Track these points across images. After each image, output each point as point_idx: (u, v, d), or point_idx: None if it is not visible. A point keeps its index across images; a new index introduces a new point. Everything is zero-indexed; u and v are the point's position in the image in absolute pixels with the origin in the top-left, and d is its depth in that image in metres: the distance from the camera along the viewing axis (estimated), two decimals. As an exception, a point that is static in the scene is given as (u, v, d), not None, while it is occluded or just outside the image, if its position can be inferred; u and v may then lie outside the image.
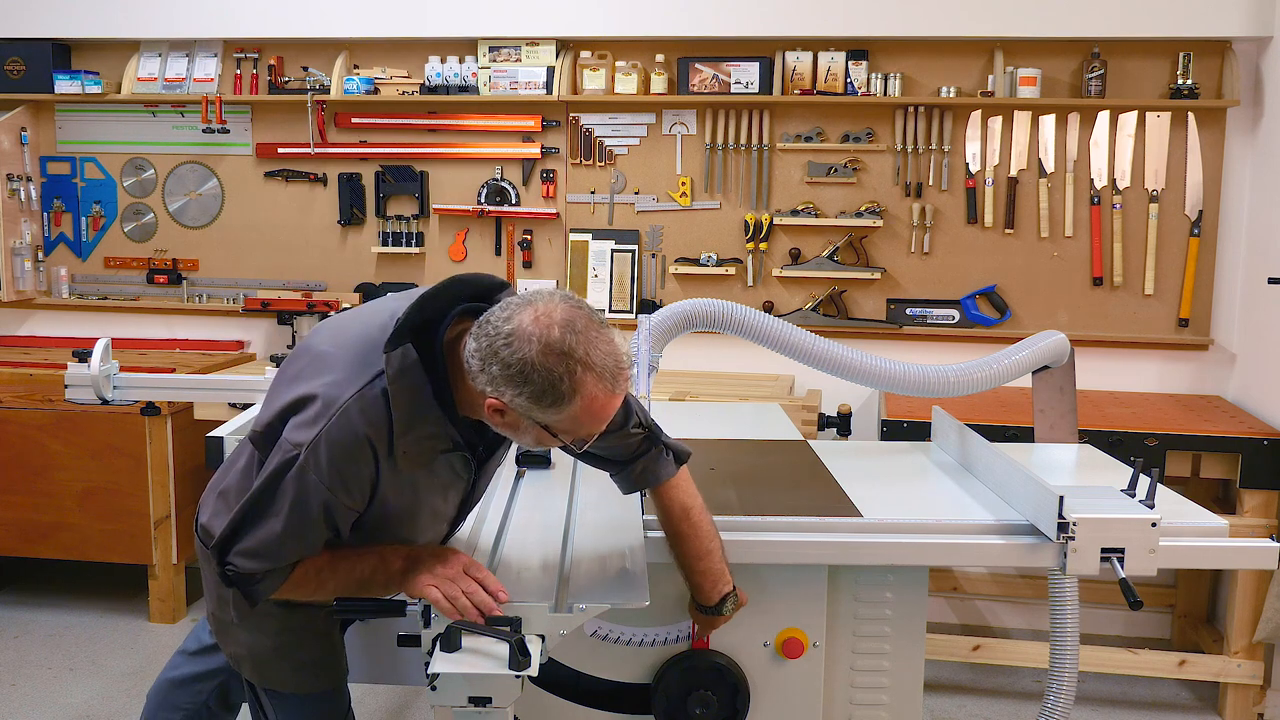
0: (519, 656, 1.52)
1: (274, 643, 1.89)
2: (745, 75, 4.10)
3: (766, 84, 4.09)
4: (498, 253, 4.37)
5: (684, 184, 4.23)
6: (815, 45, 4.05)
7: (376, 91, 4.30)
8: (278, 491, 1.66)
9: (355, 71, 4.34)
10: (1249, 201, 3.90)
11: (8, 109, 4.49)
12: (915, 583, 2.12)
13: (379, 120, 4.37)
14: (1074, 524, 1.87)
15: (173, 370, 3.97)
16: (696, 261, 4.22)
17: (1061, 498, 1.87)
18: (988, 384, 2.56)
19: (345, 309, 2.39)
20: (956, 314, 4.11)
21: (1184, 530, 2.00)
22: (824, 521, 2.04)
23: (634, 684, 2.08)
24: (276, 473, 1.66)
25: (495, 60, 4.22)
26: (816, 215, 4.12)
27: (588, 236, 4.30)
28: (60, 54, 4.48)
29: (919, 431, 3.33)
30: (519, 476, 2.34)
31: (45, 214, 4.64)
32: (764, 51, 4.10)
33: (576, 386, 1.56)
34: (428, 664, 1.56)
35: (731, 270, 4.19)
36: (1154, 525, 1.88)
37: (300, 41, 4.36)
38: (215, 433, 2.52)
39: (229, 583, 1.72)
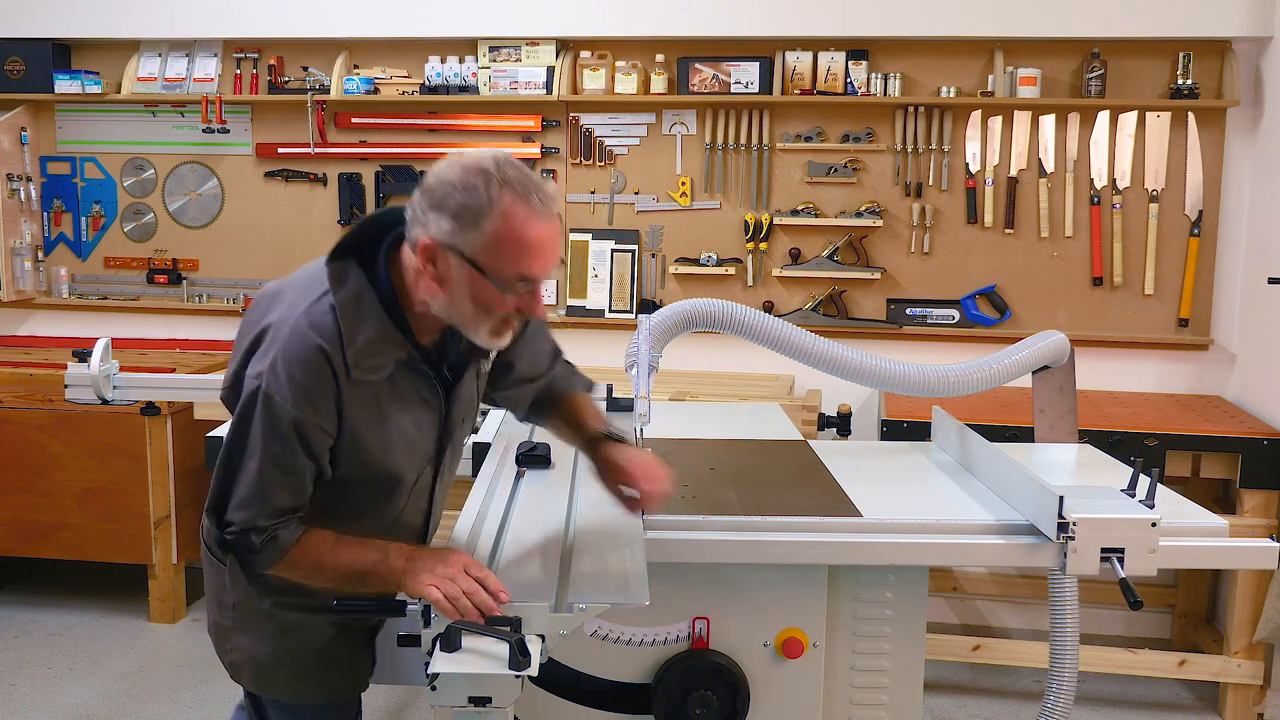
0: (519, 656, 1.52)
1: (272, 647, 1.87)
2: (745, 75, 4.10)
3: (766, 84, 4.09)
4: (498, 253, 4.36)
5: (684, 184, 4.23)
6: (815, 45, 4.05)
7: (376, 91, 4.30)
8: (250, 429, 1.66)
9: (355, 71, 4.34)
10: (1249, 201, 3.90)
11: (8, 109, 4.50)
12: (915, 583, 2.12)
13: (379, 120, 4.37)
14: (1074, 524, 1.87)
15: (173, 370, 3.97)
16: (696, 261, 4.22)
17: (1061, 498, 1.87)
18: (988, 384, 2.55)
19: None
20: (956, 314, 4.11)
21: (1184, 530, 2.00)
22: (824, 521, 2.04)
23: (634, 684, 2.08)
24: (244, 409, 1.67)
25: (495, 60, 4.22)
26: (816, 215, 4.13)
27: (588, 236, 4.30)
28: (60, 54, 4.48)
29: (919, 431, 3.33)
30: (519, 476, 2.34)
31: (45, 214, 4.64)
32: (764, 51, 4.10)
33: (493, 198, 1.58)
34: (428, 664, 1.56)
35: (731, 270, 4.19)
36: (1154, 525, 1.88)
37: (300, 41, 4.36)
38: (215, 433, 2.53)
39: (228, 547, 1.70)
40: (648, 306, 4.23)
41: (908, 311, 4.14)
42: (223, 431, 2.49)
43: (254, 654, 1.89)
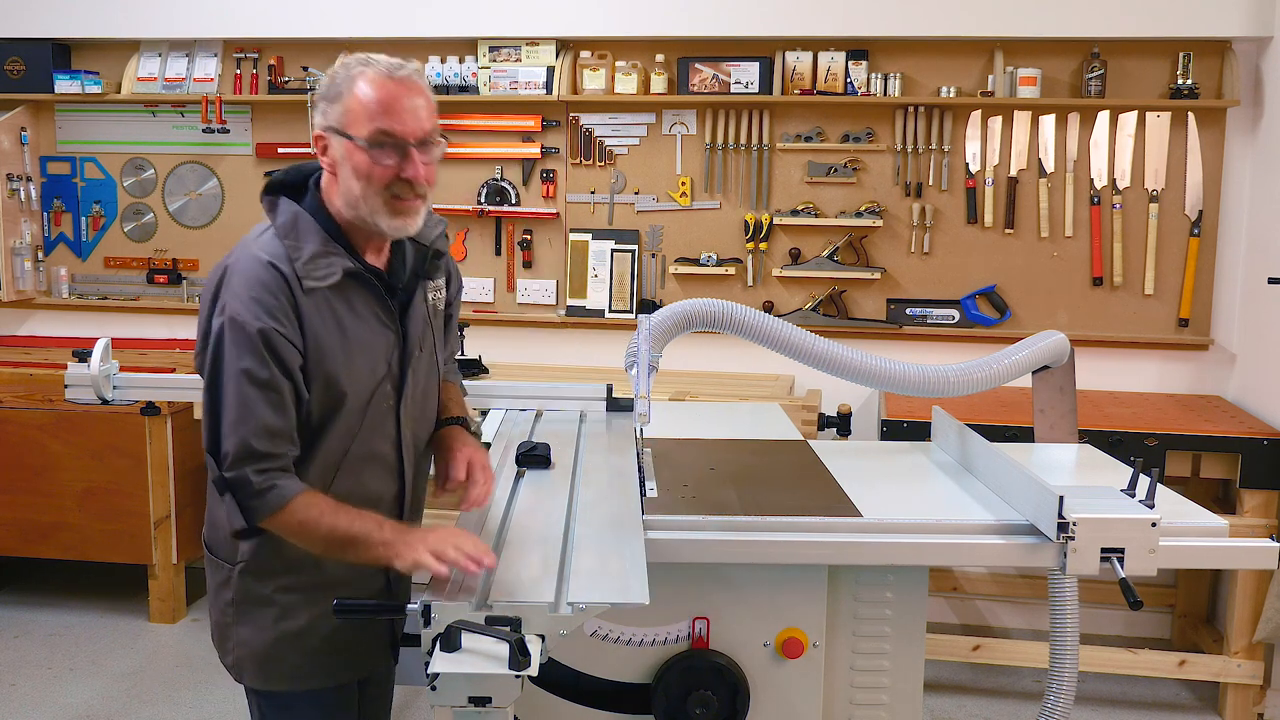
0: (519, 656, 1.52)
1: (274, 635, 1.89)
2: (745, 75, 4.10)
3: (766, 84, 4.09)
4: (498, 253, 4.37)
5: (684, 184, 4.23)
6: (815, 45, 4.05)
7: (376, 91, 4.29)
8: (222, 358, 1.72)
9: (355, 71, 4.33)
10: (1249, 201, 3.90)
11: (8, 109, 4.50)
12: (915, 583, 2.12)
13: (379, 120, 4.36)
14: (1074, 524, 1.86)
15: (173, 370, 3.96)
16: (696, 261, 4.22)
17: (1061, 498, 1.86)
18: (988, 384, 2.55)
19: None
20: (956, 314, 4.11)
21: (1184, 530, 1.99)
22: (824, 521, 2.03)
23: (634, 684, 2.08)
24: (215, 346, 1.74)
25: (495, 60, 4.22)
26: (816, 215, 4.13)
27: (588, 236, 4.30)
28: (60, 54, 4.49)
29: (919, 431, 3.33)
30: (519, 476, 2.34)
31: (45, 214, 4.64)
32: (764, 51, 4.10)
33: (353, 75, 1.76)
34: (428, 664, 1.56)
35: (731, 270, 4.19)
36: (1154, 525, 1.87)
37: (300, 41, 4.36)
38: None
39: (227, 486, 1.72)
40: (648, 306, 4.23)
41: (908, 311, 4.14)
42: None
43: (255, 646, 1.90)
